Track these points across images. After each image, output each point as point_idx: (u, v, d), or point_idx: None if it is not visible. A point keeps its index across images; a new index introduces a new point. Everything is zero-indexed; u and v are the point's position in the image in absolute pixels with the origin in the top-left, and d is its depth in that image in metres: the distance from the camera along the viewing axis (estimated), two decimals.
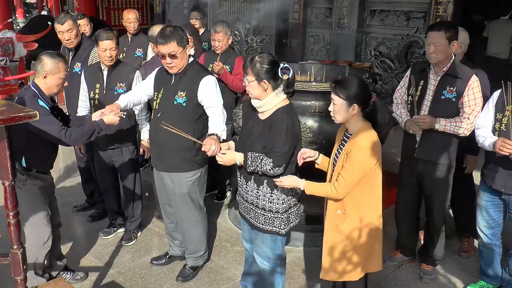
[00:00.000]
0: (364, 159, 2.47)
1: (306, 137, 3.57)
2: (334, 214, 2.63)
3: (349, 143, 2.52)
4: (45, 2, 15.50)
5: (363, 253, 2.63)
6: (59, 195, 4.81)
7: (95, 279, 3.46)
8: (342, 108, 2.50)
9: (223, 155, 2.70)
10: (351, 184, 2.50)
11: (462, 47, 3.47)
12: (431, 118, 3.11)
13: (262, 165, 2.58)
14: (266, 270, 2.88)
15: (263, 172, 2.61)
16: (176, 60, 3.00)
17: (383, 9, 7.64)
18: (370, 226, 2.61)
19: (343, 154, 2.54)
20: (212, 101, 3.04)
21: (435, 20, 6.55)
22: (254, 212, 2.77)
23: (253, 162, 2.60)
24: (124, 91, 3.61)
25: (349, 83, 2.52)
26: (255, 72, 2.57)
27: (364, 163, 2.48)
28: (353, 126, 2.56)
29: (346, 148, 2.52)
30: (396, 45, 7.04)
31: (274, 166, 2.57)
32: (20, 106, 2.14)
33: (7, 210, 2.17)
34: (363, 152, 2.46)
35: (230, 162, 2.72)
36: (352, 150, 2.47)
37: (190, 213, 3.35)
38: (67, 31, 3.92)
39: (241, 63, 4.32)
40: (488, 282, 3.31)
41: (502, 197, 3.04)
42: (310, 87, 3.61)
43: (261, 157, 2.59)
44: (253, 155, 2.62)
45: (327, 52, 8.54)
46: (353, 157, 2.47)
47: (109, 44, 3.54)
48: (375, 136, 2.53)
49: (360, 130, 2.53)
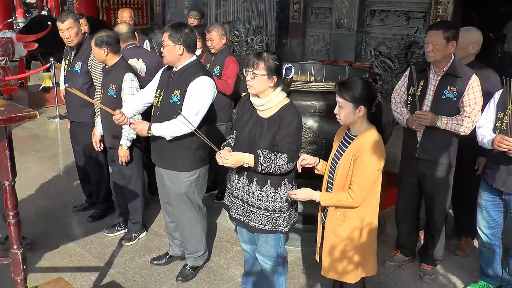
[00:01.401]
0: (375, 163, 2.45)
1: (306, 137, 3.57)
2: (333, 215, 2.62)
3: (355, 146, 2.49)
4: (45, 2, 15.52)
5: (361, 255, 2.62)
6: (59, 195, 4.86)
7: (95, 279, 3.46)
8: (348, 110, 2.46)
9: (230, 157, 2.61)
10: (366, 190, 2.48)
11: (475, 47, 3.45)
12: (433, 114, 3.11)
13: (277, 162, 2.55)
14: (268, 270, 2.87)
15: (275, 170, 2.56)
16: (164, 50, 3.06)
17: (383, 9, 7.64)
18: (369, 227, 2.60)
19: (348, 157, 2.50)
20: (185, 106, 3.01)
21: (435, 20, 6.55)
22: (254, 214, 2.74)
23: (265, 159, 2.55)
24: (114, 93, 3.60)
25: (354, 84, 2.48)
26: (267, 66, 2.56)
27: (375, 167, 2.46)
28: (358, 128, 2.53)
29: (352, 152, 2.49)
30: (396, 45, 7.05)
31: (289, 161, 2.57)
32: (20, 106, 2.14)
33: (7, 210, 2.17)
34: (373, 156, 2.44)
35: (238, 164, 2.62)
36: (361, 154, 2.44)
37: (188, 212, 3.35)
38: (67, 29, 3.95)
39: (231, 64, 4.33)
40: (488, 282, 3.31)
41: (502, 196, 3.04)
42: (310, 87, 3.61)
43: (273, 154, 2.57)
44: (265, 153, 2.58)
45: (327, 52, 8.54)
46: (363, 162, 2.44)
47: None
48: (380, 137, 2.51)
49: (365, 132, 2.51)
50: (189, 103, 3.00)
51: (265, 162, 2.56)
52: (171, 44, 3.03)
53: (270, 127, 2.63)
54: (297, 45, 8.93)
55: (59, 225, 4.24)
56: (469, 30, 3.50)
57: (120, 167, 3.83)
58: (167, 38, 3.03)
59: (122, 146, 3.66)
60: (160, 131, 3.06)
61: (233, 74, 4.32)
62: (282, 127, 2.59)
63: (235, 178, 2.82)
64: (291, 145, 2.58)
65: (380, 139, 2.51)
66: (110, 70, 3.68)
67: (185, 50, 3.06)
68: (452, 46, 3.11)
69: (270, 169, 2.57)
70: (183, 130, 2.99)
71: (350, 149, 2.52)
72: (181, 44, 3.04)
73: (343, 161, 2.53)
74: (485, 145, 2.98)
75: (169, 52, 3.05)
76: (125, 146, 3.66)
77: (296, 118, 2.61)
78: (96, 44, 3.59)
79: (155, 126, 3.07)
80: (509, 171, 2.92)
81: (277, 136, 2.60)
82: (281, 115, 2.61)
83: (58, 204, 4.65)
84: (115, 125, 3.52)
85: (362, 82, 2.52)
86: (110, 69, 3.68)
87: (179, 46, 3.04)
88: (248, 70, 2.61)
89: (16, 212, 2.18)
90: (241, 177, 2.78)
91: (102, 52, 3.61)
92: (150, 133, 3.08)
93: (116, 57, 3.69)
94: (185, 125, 2.85)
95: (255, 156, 2.58)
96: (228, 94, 4.34)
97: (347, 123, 2.54)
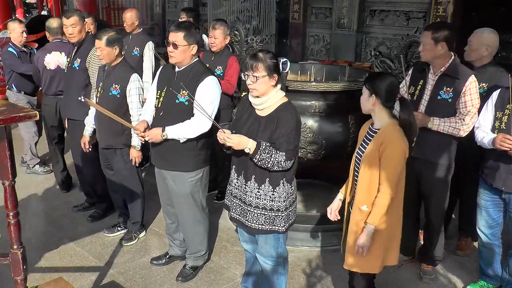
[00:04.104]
0: (400, 153, 2.56)
1: (306, 137, 3.57)
2: (358, 210, 2.64)
3: (378, 138, 2.57)
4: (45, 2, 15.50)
5: (385, 245, 2.67)
6: (59, 195, 4.85)
7: (95, 279, 3.46)
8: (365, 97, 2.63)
9: (234, 137, 2.58)
10: (394, 182, 2.57)
11: (489, 49, 3.39)
12: (423, 115, 3.11)
13: (276, 157, 2.55)
14: (268, 270, 2.87)
15: (273, 164, 2.56)
16: (177, 51, 3.02)
17: (383, 9, 7.62)
18: (395, 217, 2.68)
19: (372, 150, 2.57)
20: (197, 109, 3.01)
21: (435, 20, 6.53)
22: (252, 214, 2.73)
23: (265, 149, 2.55)
24: (118, 93, 3.58)
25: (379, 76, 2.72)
26: (267, 66, 2.56)
27: (401, 157, 2.56)
28: (379, 121, 2.63)
29: (376, 144, 2.56)
30: (396, 45, 7.04)
31: (287, 159, 2.58)
32: (20, 106, 2.14)
33: (7, 210, 2.18)
34: (398, 149, 2.55)
35: (239, 146, 2.59)
36: (385, 149, 2.53)
37: (192, 213, 3.35)
38: (71, 25, 4.03)
39: (233, 64, 4.33)
40: (488, 282, 3.31)
41: (502, 196, 3.03)
42: (310, 87, 3.62)
43: (275, 149, 2.57)
44: (267, 144, 2.58)
45: (327, 52, 8.53)
46: (388, 156, 2.53)
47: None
48: (401, 129, 2.60)
49: (387, 125, 2.60)
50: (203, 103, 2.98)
51: (265, 152, 2.55)
52: (186, 44, 3.01)
53: (268, 125, 2.63)
54: (297, 45, 8.91)
55: (59, 225, 4.24)
56: (483, 31, 3.44)
57: (119, 168, 3.81)
58: (182, 38, 3.00)
59: (135, 147, 3.64)
60: (175, 133, 3.06)
61: (235, 74, 4.33)
62: (280, 125, 2.59)
63: (234, 178, 2.83)
64: (288, 144, 2.58)
65: (401, 131, 2.60)
66: (113, 69, 3.65)
67: (197, 50, 3.08)
68: (442, 47, 3.10)
69: (268, 162, 2.56)
70: (199, 131, 3.03)
71: (373, 142, 2.60)
72: (196, 44, 3.05)
73: (367, 155, 2.60)
74: (485, 144, 2.97)
75: (183, 53, 3.03)
76: (138, 147, 3.64)
77: (294, 117, 2.61)
78: (108, 43, 3.52)
79: (169, 129, 3.05)
80: (509, 170, 2.92)
81: (274, 135, 2.60)
82: (279, 113, 2.61)
83: (58, 204, 4.65)
84: (112, 126, 3.53)
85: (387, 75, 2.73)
86: (113, 69, 3.65)
87: (193, 46, 3.04)
88: (248, 74, 2.59)
89: (16, 212, 2.18)
90: (239, 176, 2.78)
91: (113, 52, 3.57)
92: (164, 135, 3.06)
93: (120, 57, 3.67)
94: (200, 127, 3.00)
95: (257, 144, 2.57)
96: (231, 94, 4.35)
97: (364, 110, 2.67)
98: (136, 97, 3.59)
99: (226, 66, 4.32)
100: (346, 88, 3.65)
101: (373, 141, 2.60)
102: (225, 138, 2.59)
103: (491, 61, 3.46)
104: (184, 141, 3.08)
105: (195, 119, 3.05)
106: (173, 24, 3.15)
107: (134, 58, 5.03)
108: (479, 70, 3.40)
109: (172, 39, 3.02)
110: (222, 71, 4.33)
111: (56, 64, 4.56)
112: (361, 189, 2.63)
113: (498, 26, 3.76)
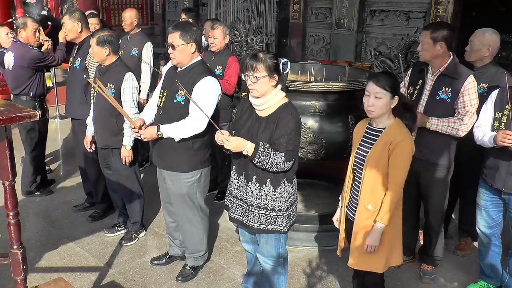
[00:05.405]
0: (409, 152, 2.57)
1: (306, 137, 3.57)
2: (363, 209, 2.64)
3: (387, 137, 2.55)
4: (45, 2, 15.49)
5: (389, 244, 2.67)
6: (59, 195, 4.85)
7: (95, 279, 3.46)
8: (386, 100, 2.53)
9: (233, 139, 2.58)
10: (404, 179, 2.58)
11: (490, 49, 3.38)
12: (422, 115, 3.11)
13: (275, 158, 2.55)
14: (269, 270, 2.87)
15: (271, 165, 2.55)
16: (175, 51, 3.02)
17: (383, 9, 7.63)
18: (397, 216, 2.68)
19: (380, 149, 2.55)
20: (193, 109, 3.01)
21: (435, 20, 6.53)
22: (253, 214, 2.73)
23: (264, 151, 2.54)
24: (112, 92, 3.57)
25: (389, 75, 2.63)
26: (267, 66, 2.56)
27: (410, 156, 2.57)
28: (386, 120, 2.60)
29: (384, 145, 2.54)
30: (396, 45, 7.03)
31: (286, 160, 2.57)
32: (20, 106, 2.14)
33: (7, 210, 2.18)
34: (408, 147, 2.55)
35: (238, 148, 2.59)
36: (396, 147, 2.52)
37: (190, 213, 3.34)
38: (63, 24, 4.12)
39: (233, 64, 4.33)
40: (488, 282, 3.31)
41: (502, 196, 3.03)
42: (310, 87, 3.61)
43: (273, 150, 2.57)
44: (266, 146, 2.57)
45: (327, 52, 8.53)
46: (398, 154, 2.53)
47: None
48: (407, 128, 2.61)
49: (395, 123, 2.60)
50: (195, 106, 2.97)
51: (263, 154, 2.54)
52: (183, 44, 3.01)
53: (268, 126, 2.62)
54: (297, 45, 8.91)
55: (59, 225, 4.24)
56: (485, 31, 3.43)
57: (117, 168, 3.81)
58: (179, 38, 3.00)
59: (125, 146, 3.64)
60: (170, 132, 3.06)
61: (235, 74, 4.33)
62: (280, 126, 2.58)
63: (234, 178, 2.82)
64: (288, 144, 2.58)
65: (407, 130, 2.61)
66: (107, 69, 3.66)
67: (196, 48, 3.06)
68: (440, 46, 3.10)
69: (267, 163, 2.55)
70: (192, 131, 3.02)
71: (380, 142, 2.57)
72: (193, 42, 3.04)
73: (374, 155, 2.57)
74: (486, 143, 2.96)
75: (181, 52, 3.03)
76: (128, 146, 3.64)
77: (294, 118, 2.61)
78: (98, 42, 3.56)
79: (164, 128, 3.06)
80: (509, 170, 2.92)
81: (274, 135, 2.59)
82: (279, 114, 2.61)
83: (58, 204, 4.65)
84: (109, 125, 3.54)
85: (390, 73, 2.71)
86: (107, 69, 3.66)
87: (191, 44, 3.04)
88: (248, 74, 2.59)
89: (16, 212, 2.18)
90: (239, 176, 2.78)
91: (103, 51, 3.59)
92: (159, 134, 3.07)
93: (115, 57, 3.67)
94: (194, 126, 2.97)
95: (255, 146, 2.56)
96: (230, 94, 4.35)
97: (379, 114, 2.58)
98: (129, 96, 3.58)
99: (225, 66, 4.32)
100: (346, 88, 3.65)
101: (379, 141, 2.57)
102: (223, 140, 2.59)
103: (492, 61, 3.46)
104: (178, 140, 3.08)
105: (189, 119, 3.05)
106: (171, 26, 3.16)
107: (132, 58, 5.04)
108: (479, 70, 3.40)
109: (170, 40, 3.03)
110: (222, 70, 4.33)
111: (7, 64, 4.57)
112: (366, 189, 2.62)
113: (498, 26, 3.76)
